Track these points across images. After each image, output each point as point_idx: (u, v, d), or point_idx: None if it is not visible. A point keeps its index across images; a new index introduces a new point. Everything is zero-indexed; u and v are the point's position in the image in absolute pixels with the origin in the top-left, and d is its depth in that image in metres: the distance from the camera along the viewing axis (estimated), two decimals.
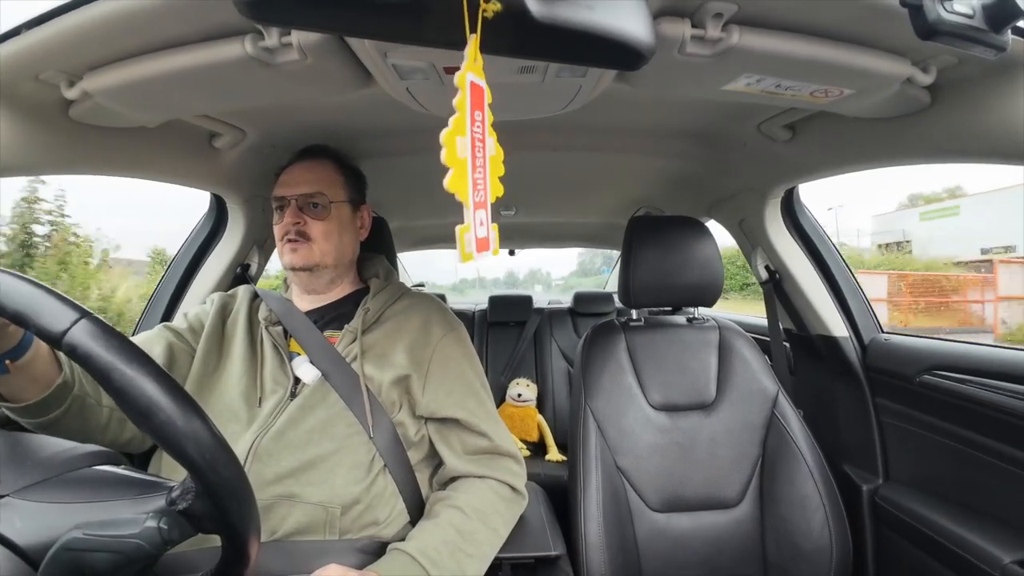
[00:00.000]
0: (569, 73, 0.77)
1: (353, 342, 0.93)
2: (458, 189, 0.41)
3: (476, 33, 0.42)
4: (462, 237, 0.42)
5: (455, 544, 0.80)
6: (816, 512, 1.09)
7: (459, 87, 0.42)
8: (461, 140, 0.42)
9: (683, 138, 1.32)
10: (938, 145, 0.87)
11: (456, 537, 0.80)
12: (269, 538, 0.78)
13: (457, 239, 0.42)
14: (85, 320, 0.45)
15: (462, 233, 0.42)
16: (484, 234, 0.44)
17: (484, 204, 0.44)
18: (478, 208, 0.43)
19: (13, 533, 0.43)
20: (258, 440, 0.83)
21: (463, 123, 0.42)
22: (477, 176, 0.43)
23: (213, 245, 1.39)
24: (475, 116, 0.43)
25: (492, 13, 0.42)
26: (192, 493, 0.47)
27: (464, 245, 0.42)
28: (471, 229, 0.42)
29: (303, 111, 1.07)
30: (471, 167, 0.42)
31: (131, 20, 0.62)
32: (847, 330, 1.39)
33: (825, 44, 0.68)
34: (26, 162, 0.82)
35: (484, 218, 0.44)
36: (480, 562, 0.82)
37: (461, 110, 0.42)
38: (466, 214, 0.42)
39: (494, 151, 0.46)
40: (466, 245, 0.42)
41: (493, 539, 0.85)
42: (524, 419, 2.31)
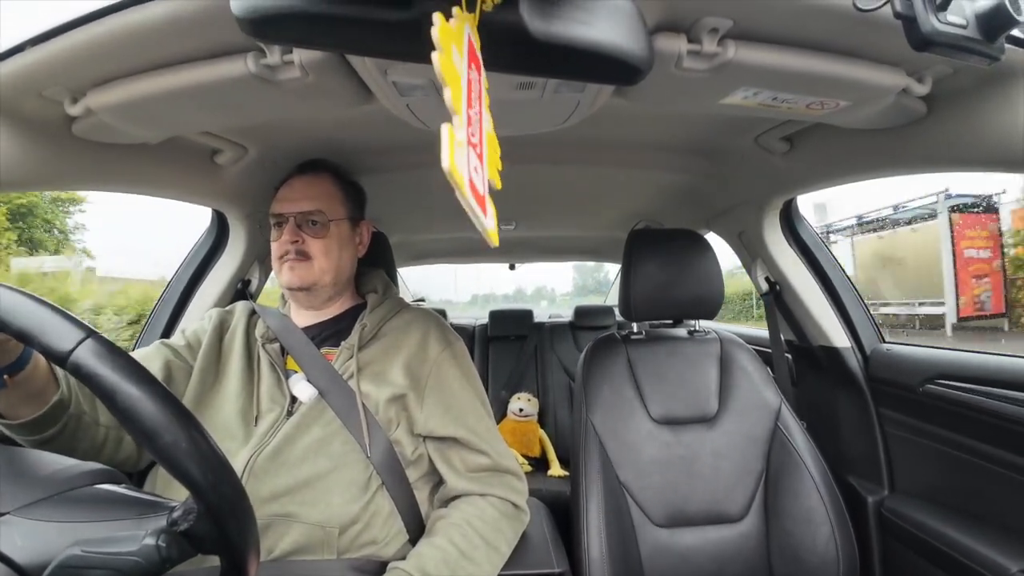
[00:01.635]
0: (567, 89, 0.77)
1: (350, 359, 0.93)
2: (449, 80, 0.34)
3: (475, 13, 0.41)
4: (452, 135, 0.33)
5: (456, 562, 0.79)
6: (821, 525, 1.08)
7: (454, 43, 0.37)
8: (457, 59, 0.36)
9: (681, 152, 1.33)
10: (935, 155, 0.88)
11: (457, 555, 0.79)
12: (267, 558, 0.77)
13: (444, 137, 0.32)
14: (91, 340, 0.45)
15: (452, 132, 0.33)
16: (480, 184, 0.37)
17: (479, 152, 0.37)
18: (472, 146, 0.36)
19: (13, 551, 0.43)
20: (254, 458, 0.82)
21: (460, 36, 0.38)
22: (472, 114, 0.37)
23: (214, 261, 1.40)
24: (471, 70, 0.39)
25: (491, 5, 0.42)
26: (194, 514, 0.46)
27: (453, 145, 0.33)
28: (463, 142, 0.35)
29: (304, 127, 1.07)
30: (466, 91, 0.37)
31: (134, 38, 0.63)
32: (849, 340, 1.38)
33: (820, 57, 0.68)
34: (29, 177, 0.82)
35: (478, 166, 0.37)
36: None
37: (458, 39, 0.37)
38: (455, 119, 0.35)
39: (490, 128, 0.42)
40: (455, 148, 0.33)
41: (494, 557, 0.84)
42: (526, 434, 2.29)
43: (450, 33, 0.36)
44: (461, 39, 0.38)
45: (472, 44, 0.40)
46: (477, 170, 0.37)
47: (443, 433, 0.91)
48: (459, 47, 0.38)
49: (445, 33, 0.35)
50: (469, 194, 0.34)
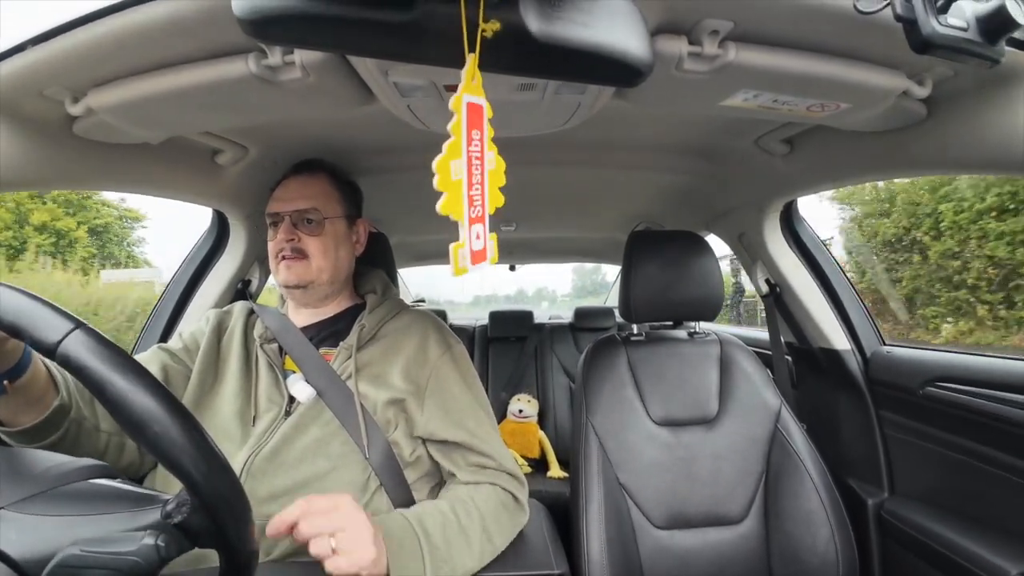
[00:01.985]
0: (568, 90, 0.77)
1: (348, 359, 0.93)
2: (452, 210, 0.43)
3: (475, 53, 0.43)
4: (455, 254, 0.44)
5: (452, 533, 0.79)
6: (821, 527, 1.08)
7: (454, 111, 0.42)
8: (456, 163, 0.42)
9: (682, 153, 1.33)
10: (935, 157, 0.88)
11: (456, 527, 0.80)
12: (265, 559, 0.77)
13: (451, 256, 0.44)
14: (79, 331, 0.44)
15: (456, 250, 0.44)
16: (480, 246, 0.45)
17: (481, 218, 0.45)
18: (474, 223, 0.44)
19: (8, 546, 0.43)
20: (251, 459, 0.82)
21: (458, 147, 0.43)
22: (474, 192, 0.44)
23: (214, 261, 1.40)
24: (472, 136, 0.44)
25: (491, 33, 0.43)
26: (187, 506, 0.46)
27: (457, 260, 0.44)
28: (466, 244, 0.44)
29: (305, 128, 1.07)
30: (467, 185, 0.43)
31: (135, 38, 0.63)
32: (849, 342, 1.38)
33: (821, 59, 0.68)
34: (29, 177, 0.82)
35: (481, 231, 0.45)
36: (470, 559, 0.80)
37: (456, 134, 0.42)
38: (461, 232, 0.44)
39: (494, 165, 0.46)
40: (460, 261, 0.44)
41: (487, 546, 0.84)
42: (525, 435, 2.29)
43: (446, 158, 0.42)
44: (459, 129, 0.43)
45: (472, 107, 0.44)
46: (479, 236, 0.45)
47: (444, 436, 0.91)
48: (456, 150, 0.43)
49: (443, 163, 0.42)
50: (472, 268, 0.45)
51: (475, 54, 0.43)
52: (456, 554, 0.78)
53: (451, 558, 0.77)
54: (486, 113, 0.45)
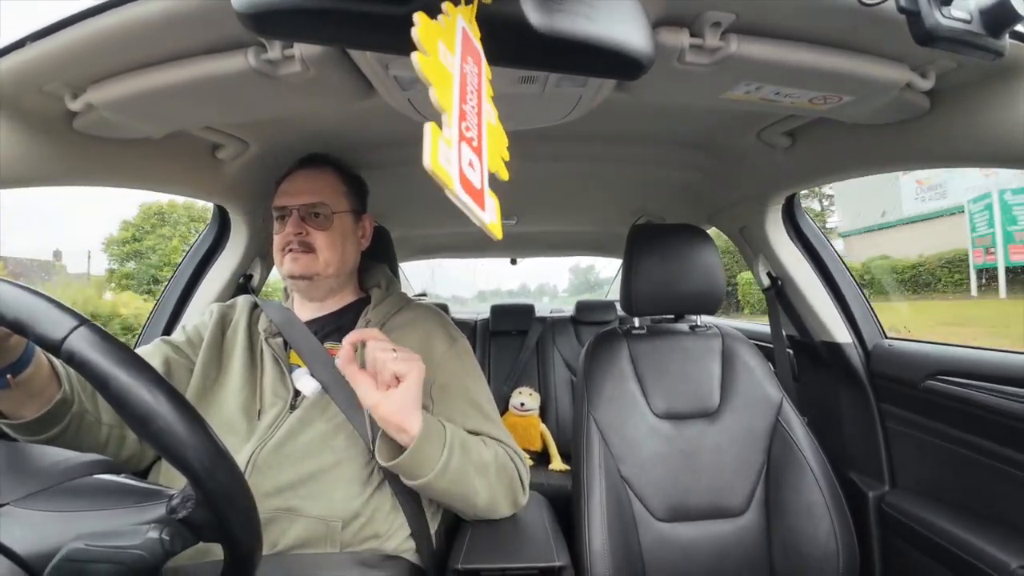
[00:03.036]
0: (569, 83, 0.77)
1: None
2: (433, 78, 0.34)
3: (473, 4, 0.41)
4: (435, 136, 0.32)
5: (470, 447, 0.86)
6: (822, 520, 1.08)
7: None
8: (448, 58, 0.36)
9: (683, 146, 1.33)
10: (937, 150, 0.87)
11: (473, 447, 0.87)
12: (270, 551, 0.77)
13: (427, 137, 0.31)
14: (84, 327, 0.45)
15: (435, 131, 0.32)
16: (476, 180, 0.36)
17: (477, 149, 0.37)
18: (465, 142, 0.36)
19: (13, 542, 0.43)
20: (257, 452, 0.82)
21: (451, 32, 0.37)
22: (468, 108, 0.37)
23: (216, 256, 1.40)
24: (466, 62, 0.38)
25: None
26: (192, 501, 0.47)
27: (436, 147, 0.32)
28: (453, 144, 0.34)
29: (305, 122, 1.07)
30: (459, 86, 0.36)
31: (135, 33, 0.63)
32: (850, 336, 1.38)
33: (823, 51, 0.68)
34: (30, 173, 0.82)
35: (475, 162, 0.36)
36: (478, 482, 0.86)
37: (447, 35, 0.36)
38: (444, 118, 0.34)
39: (494, 121, 0.42)
40: (440, 150, 0.32)
41: (493, 481, 0.89)
42: (527, 428, 2.30)
43: (434, 31, 0.36)
44: (451, 34, 0.38)
45: (468, 36, 0.40)
46: (473, 164, 0.36)
47: None
48: (448, 43, 0.37)
49: (427, 32, 0.35)
50: (460, 190, 0.33)
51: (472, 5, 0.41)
52: (463, 457, 0.83)
53: (456, 454, 0.82)
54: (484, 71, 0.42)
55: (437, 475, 0.78)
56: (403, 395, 0.76)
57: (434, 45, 0.35)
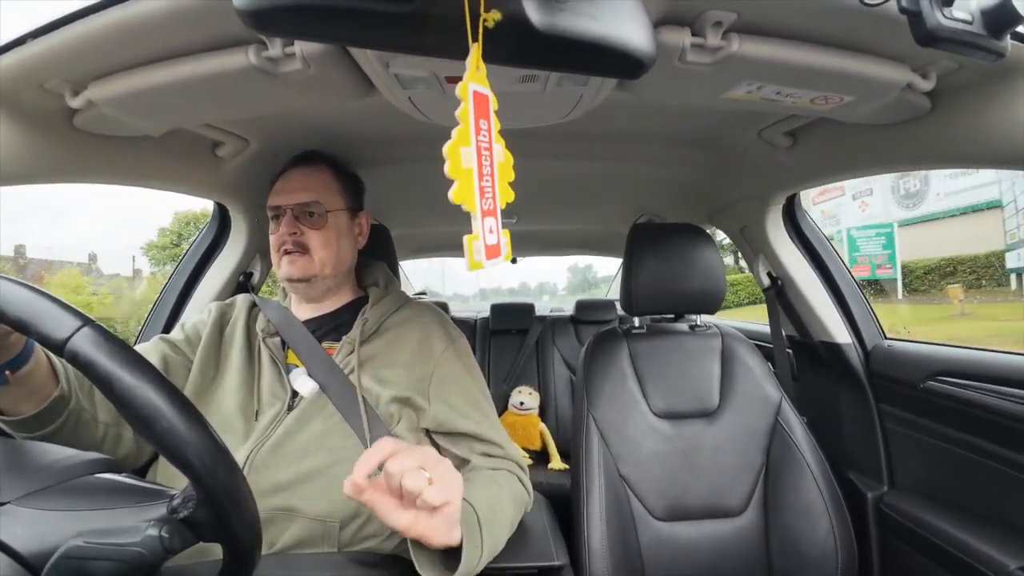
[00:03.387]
0: (570, 82, 0.77)
1: (351, 353, 0.93)
2: (464, 199, 0.41)
3: (478, 42, 0.42)
4: (470, 246, 0.42)
5: (495, 503, 0.80)
6: (821, 520, 1.08)
7: (461, 98, 0.42)
8: (466, 151, 0.42)
9: (684, 146, 1.32)
10: (938, 151, 0.87)
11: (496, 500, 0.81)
12: (268, 551, 0.77)
13: (465, 248, 0.42)
14: (87, 328, 0.45)
15: (470, 242, 0.42)
16: (494, 241, 0.44)
17: (494, 212, 0.44)
18: (487, 216, 0.43)
19: (14, 540, 0.43)
20: (254, 453, 0.82)
21: (467, 134, 0.42)
22: (485, 184, 0.43)
23: (216, 254, 1.40)
24: (480, 125, 0.43)
25: (493, 23, 0.42)
26: (193, 501, 0.47)
27: (472, 254, 0.42)
28: (480, 237, 0.42)
29: (306, 119, 1.07)
30: (477, 176, 0.42)
31: (135, 30, 0.63)
32: (850, 336, 1.38)
33: (825, 51, 0.68)
34: (29, 170, 0.82)
35: (494, 225, 0.44)
36: (504, 531, 0.81)
37: (464, 121, 0.42)
38: (474, 223, 0.42)
39: (502, 158, 0.46)
40: (475, 254, 0.42)
41: (514, 517, 0.86)
42: (526, 427, 2.30)
43: (456, 141, 0.41)
44: (466, 117, 0.42)
45: (478, 95, 0.43)
46: (492, 229, 0.43)
47: (452, 428, 0.92)
48: (465, 137, 0.42)
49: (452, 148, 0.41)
50: (487, 263, 0.43)
51: (478, 43, 0.42)
52: (497, 526, 0.79)
53: (494, 531, 0.77)
54: (492, 104, 0.45)
55: (485, 559, 0.73)
56: (446, 518, 0.64)
57: (457, 153, 0.41)
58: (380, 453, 0.62)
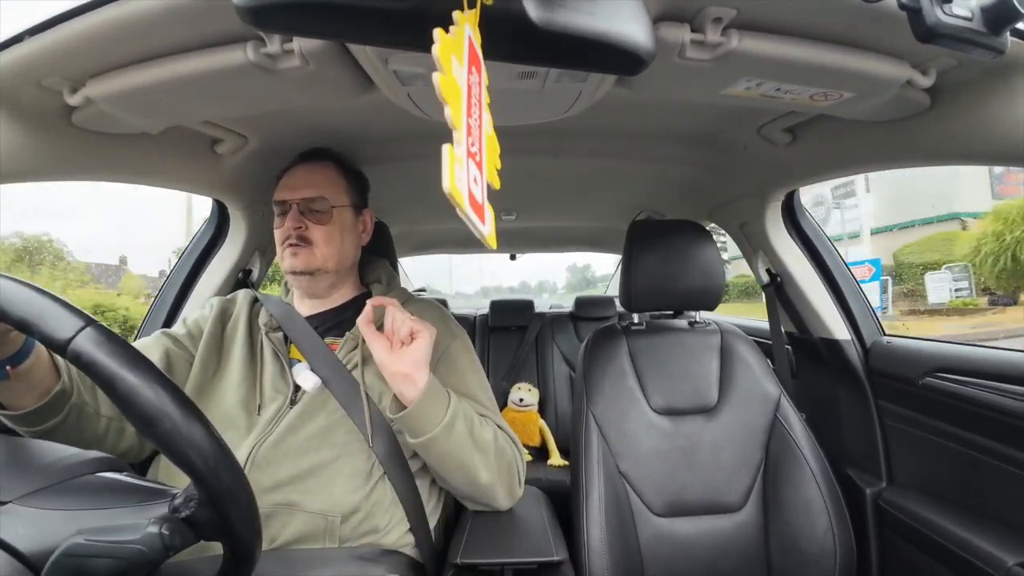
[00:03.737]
0: (569, 78, 0.77)
1: (354, 349, 0.93)
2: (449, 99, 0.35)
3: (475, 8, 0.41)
4: (452, 155, 0.34)
5: (473, 424, 0.87)
6: (819, 516, 1.09)
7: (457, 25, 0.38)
8: (458, 70, 0.37)
9: (683, 142, 1.32)
10: (938, 147, 0.87)
11: (477, 423, 0.88)
12: (269, 546, 0.78)
13: (445, 158, 0.33)
14: (90, 328, 0.45)
15: (452, 151, 0.34)
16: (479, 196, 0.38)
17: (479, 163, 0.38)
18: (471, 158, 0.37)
19: (16, 539, 0.43)
20: (256, 448, 0.82)
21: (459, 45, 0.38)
22: (472, 122, 0.39)
23: (215, 251, 1.40)
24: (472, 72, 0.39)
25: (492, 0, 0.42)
26: (195, 501, 0.47)
27: (453, 166, 0.34)
28: (463, 162, 0.35)
29: (305, 117, 1.07)
30: (466, 102, 0.38)
31: (133, 27, 0.62)
32: (849, 333, 1.38)
33: (824, 48, 0.68)
34: (28, 168, 0.82)
35: (478, 177, 0.38)
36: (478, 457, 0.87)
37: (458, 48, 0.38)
38: (456, 135, 0.36)
39: (490, 130, 0.43)
40: (456, 171, 0.34)
41: (491, 460, 0.89)
42: (526, 424, 2.30)
43: (449, 45, 0.36)
44: (461, 45, 0.38)
45: (472, 45, 0.40)
46: (476, 180, 0.38)
47: None
48: (459, 55, 0.38)
49: (445, 48, 0.36)
50: (468, 208, 0.36)
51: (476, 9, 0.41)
52: (468, 437, 0.85)
53: (466, 434, 0.85)
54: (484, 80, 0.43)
55: (442, 431, 0.81)
56: (414, 351, 0.82)
57: (449, 61, 0.36)
58: (387, 300, 0.89)
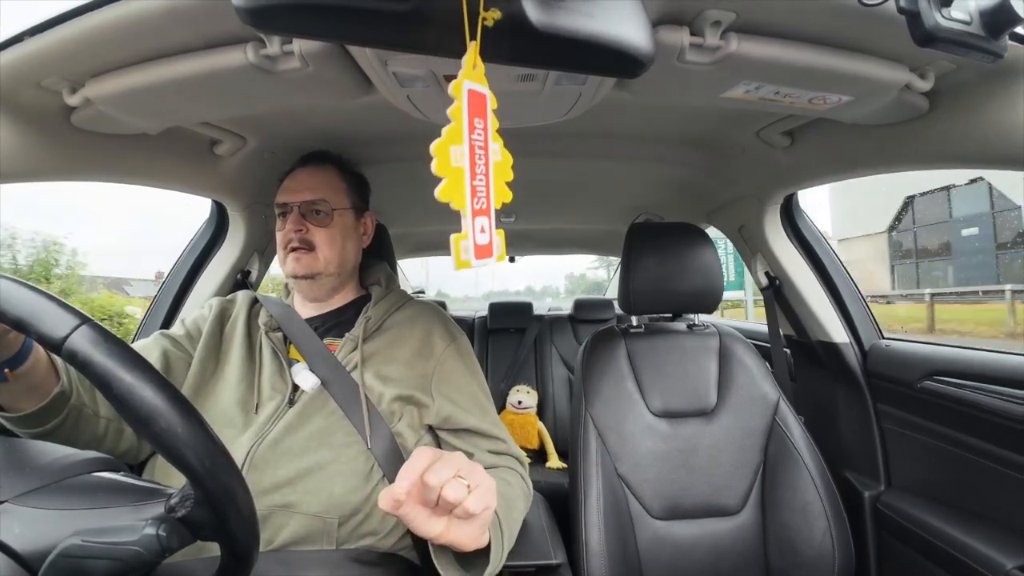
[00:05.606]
0: (569, 81, 0.77)
1: (354, 350, 0.93)
2: (452, 198, 0.41)
3: (476, 40, 0.42)
4: (457, 245, 0.41)
5: (510, 506, 0.82)
6: (818, 519, 1.09)
7: (455, 96, 0.42)
8: (457, 149, 0.41)
9: (682, 145, 1.33)
10: (936, 151, 0.88)
11: (506, 501, 0.81)
12: (266, 548, 0.77)
13: (452, 247, 0.41)
14: (85, 326, 0.44)
15: (457, 241, 0.41)
16: (486, 241, 0.43)
17: (487, 211, 0.44)
18: (478, 215, 0.43)
19: (12, 539, 0.43)
20: (254, 448, 0.82)
21: (459, 132, 0.42)
22: (478, 183, 0.43)
23: (213, 252, 1.39)
24: (475, 124, 0.43)
25: (492, 21, 0.42)
26: (191, 500, 0.47)
27: (459, 253, 0.41)
28: (469, 237, 0.42)
29: (304, 118, 1.07)
30: (469, 175, 0.42)
31: (133, 27, 0.62)
32: (847, 336, 1.38)
33: (823, 51, 0.68)
34: (27, 168, 0.82)
35: (486, 224, 0.43)
36: (516, 529, 0.82)
37: (456, 119, 0.42)
38: (464, 222, 0.42)
39: (500, 157, 0.45)
40: (462, 253, 0.41)
41: (520, 518, 0.86)
42: (524, 426, 2.30)
43: (446, 140, 0.41)
44: (459, 115, 0.42)
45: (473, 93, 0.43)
46: (484, 228, 0.43)
47: (458, 424, 0.92)
48: (457, 136, 0.41)
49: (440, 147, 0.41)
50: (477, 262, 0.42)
51: (476, 42, 0.42)
52: (512, 523, 0.80)
53: (511, 528, 0.79)
54: (489, 103, 0.44)
55: (504, 558, 0.74)
56: (483, 524, 0.65)
57: (446, 150, 0.41)
58: (421, 464, 0.59)
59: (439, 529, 0.61)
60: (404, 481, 0.57)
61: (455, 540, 0.62)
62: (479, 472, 0.63)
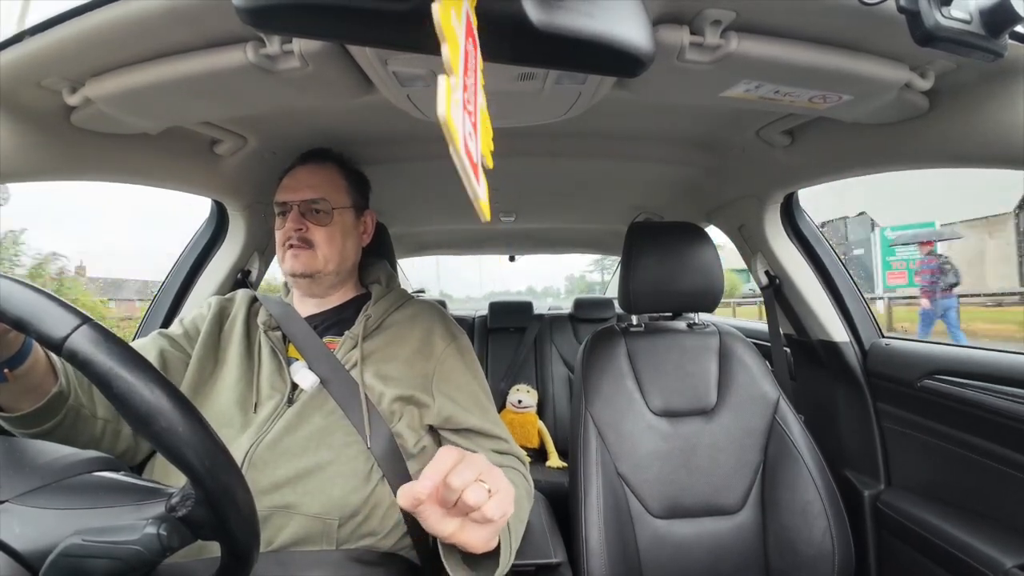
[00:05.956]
0: (568, 80, 0.77)
1: (353, 348, 0.93)
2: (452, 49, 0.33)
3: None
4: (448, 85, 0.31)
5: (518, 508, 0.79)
6: (818, 518, 1.09)
7: None
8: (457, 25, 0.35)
9: (682, 144, 1.33)
10: (936, 150, 0.88)
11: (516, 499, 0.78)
12: (266, 548, 0.77)
13: (440, 88, 0.31)
14: (86, 326, 0.44)
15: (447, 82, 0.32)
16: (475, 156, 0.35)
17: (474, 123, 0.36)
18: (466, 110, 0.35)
19: (12, 539, 0.43)
20: (253, 448, 0.82)
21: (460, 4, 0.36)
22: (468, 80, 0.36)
23: (213, 252, 1.39)
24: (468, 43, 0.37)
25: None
26: (192, 500, 0.47)
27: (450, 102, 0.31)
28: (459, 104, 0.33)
29: (304, 118, 1.07)
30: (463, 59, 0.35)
31: (133, 27, 0.62)
32: (848, 335, 1.39)
33: (823, 50, 0.68)
34: (27, 168, 0.82)
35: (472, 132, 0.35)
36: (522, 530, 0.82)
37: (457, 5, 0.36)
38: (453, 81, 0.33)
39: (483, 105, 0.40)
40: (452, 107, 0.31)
41: (525, 520, 0.86)
42: (524, 425, 2.30)
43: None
44: (460, 7, 0.37)
45: (469, 20, 0.40)
46: (471, 136, 0.35)
47: (461, 424, 0.92)
48: (458, 14, 0.36)
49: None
50: (463, 154, 0.33)
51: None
52: (518, 524, 0.80)
53: (517, 529, 0.78)
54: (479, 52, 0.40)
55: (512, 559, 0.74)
56: (497, 528, 0.65)
57: (448, 10, 0.34)
58: (446, 465, 0.58)
59: (451, 529, 0.60)
60: (428, 481, 0.56)
61: (467, 541, 0.62)
62: (499, 476, 0.62)
